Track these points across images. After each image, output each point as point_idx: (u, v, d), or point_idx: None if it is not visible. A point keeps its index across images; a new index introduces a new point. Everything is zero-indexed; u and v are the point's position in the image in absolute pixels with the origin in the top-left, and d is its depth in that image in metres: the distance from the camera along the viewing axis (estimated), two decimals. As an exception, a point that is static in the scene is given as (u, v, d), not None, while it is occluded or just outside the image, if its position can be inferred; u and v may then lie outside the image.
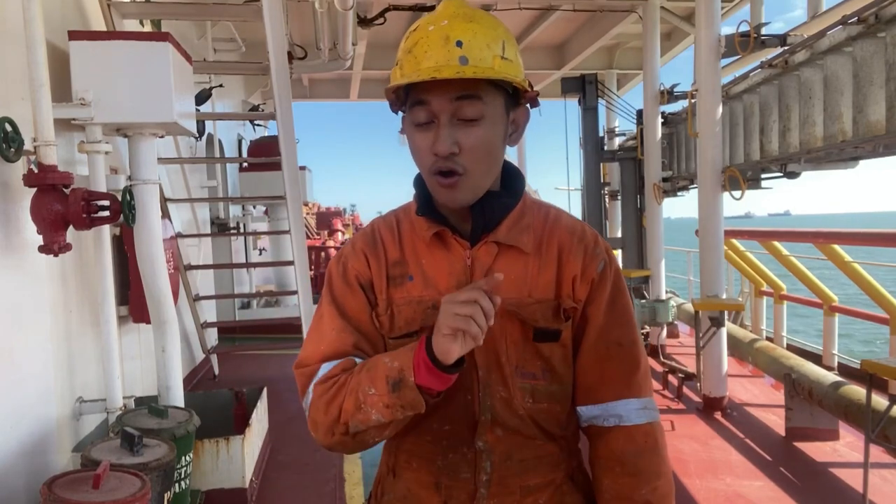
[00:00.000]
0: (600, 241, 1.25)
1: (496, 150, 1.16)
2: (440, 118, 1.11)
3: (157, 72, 3.23)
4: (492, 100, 1.12)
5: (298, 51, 6.89)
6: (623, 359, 1.21)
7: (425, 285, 1.20)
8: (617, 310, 1.22)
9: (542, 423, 1.21)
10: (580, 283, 1.19)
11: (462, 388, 1.17)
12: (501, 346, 1.18)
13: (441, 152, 1.11)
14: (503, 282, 1.09)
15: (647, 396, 1.23)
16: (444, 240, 1.21)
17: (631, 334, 1.22)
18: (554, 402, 1.21)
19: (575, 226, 1.25)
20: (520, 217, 1.22)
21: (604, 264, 1.21)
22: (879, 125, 4.12)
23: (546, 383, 1.20)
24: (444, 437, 1.21)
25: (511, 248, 1.19)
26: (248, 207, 9.74)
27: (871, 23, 4.06)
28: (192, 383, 6.05)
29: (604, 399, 1.21)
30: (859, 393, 3.80)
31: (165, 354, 3.55)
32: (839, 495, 3.69)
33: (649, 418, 1.21)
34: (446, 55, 1.08)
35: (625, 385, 1.21)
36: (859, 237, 6.03)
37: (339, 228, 23.30)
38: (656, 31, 7.16)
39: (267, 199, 8.32)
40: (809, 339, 7.27)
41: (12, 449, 2.72)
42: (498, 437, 1.19)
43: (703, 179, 5.47)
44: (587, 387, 1.22)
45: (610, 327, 1.21)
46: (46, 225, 2.75)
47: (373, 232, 1.29)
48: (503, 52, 1.11)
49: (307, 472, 4.08)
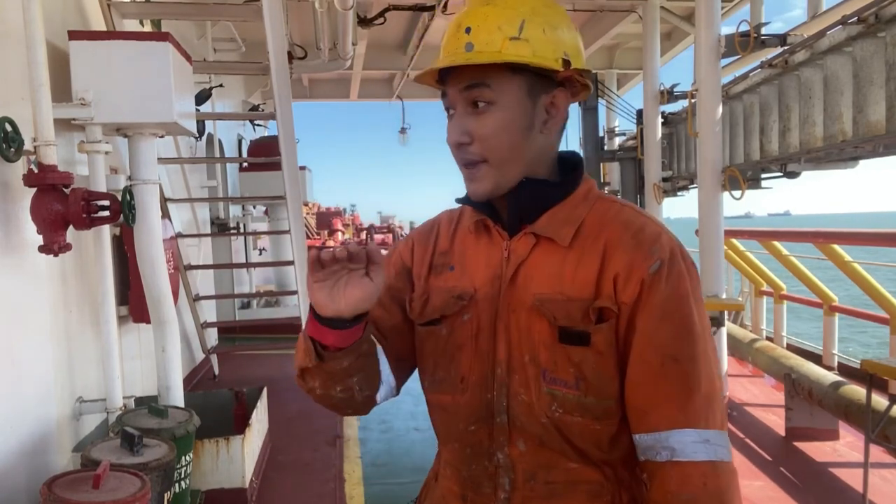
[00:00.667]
0: (664, 238, 1.06)
1: (516, 137, 1.08)
2: (456, 108, 1.10)
3: (157, 72, 3.23)
4: (504, 85, 1.06)
5: (298, 51, 6.89)
6: (679, 378, 1.01)
7: (462, 275, 1.16)
8: (675, 319, 1.03)
9: (573, 438, 1.06)
10: (625, 283, 1.03)
11: (482, 386, 1.11)
12: (527, 345, 1.07)
13: (449, 142, 1.10)
14: (538, 277, 1.07)
15: (711, 428, 1.01)
16: (488, 229, 1.16)
17: (690, 349, 1.02)
18: (589, 418, 1.05)
19: (635, 220, 1.09)
20: (570, 209, 1.11)
21: (659, 264, 1.03)
22: (879, 125, 4.13)
23: (579, 394, 1.05)
24: (469, 442, 1.14)
25: (549, 240, 1.09)
26: (248, 207, 9.73)
27: (871, 23, 4.06)
28: (192, 383, 6.05)
29: (657, 427, 1.02)
30: (859, 393, 3.80)
31: (165, 354, 3.55)
32: (839, 495, 3.69)
33: (712, 455, 1.00)
34: (455, 45, 1.07)
35: (679, 410, 1.01)
36: (859, 237, 6.03)
37: (339, 228, 23.31)
38: (656, 31, 7.16)
39: (267, 199, 8.32)
40: (812, 341, 7.26)
41: (12, 449, 2.72)
42: (520, 452, 1.09)
43: (703, 179, 5.47)
44: (638, 409, 1.04)
45: (663, 338, 1.02)
46: (46, 225, 2.75)
47: (434, 222, 1.28)
48: (519, 31, 1.04)
49: (307, 472, 4.08)
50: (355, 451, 4.37)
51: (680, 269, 1.05)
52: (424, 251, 1.23)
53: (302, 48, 7.03)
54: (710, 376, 1.03)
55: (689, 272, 1.06)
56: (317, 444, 4.50)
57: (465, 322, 1.13)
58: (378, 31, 7.66)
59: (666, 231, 1.09)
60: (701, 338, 1.04)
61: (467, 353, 1.13)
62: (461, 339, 1.13)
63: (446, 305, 1.14)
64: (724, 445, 1.02)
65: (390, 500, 3.69)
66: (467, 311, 1.13)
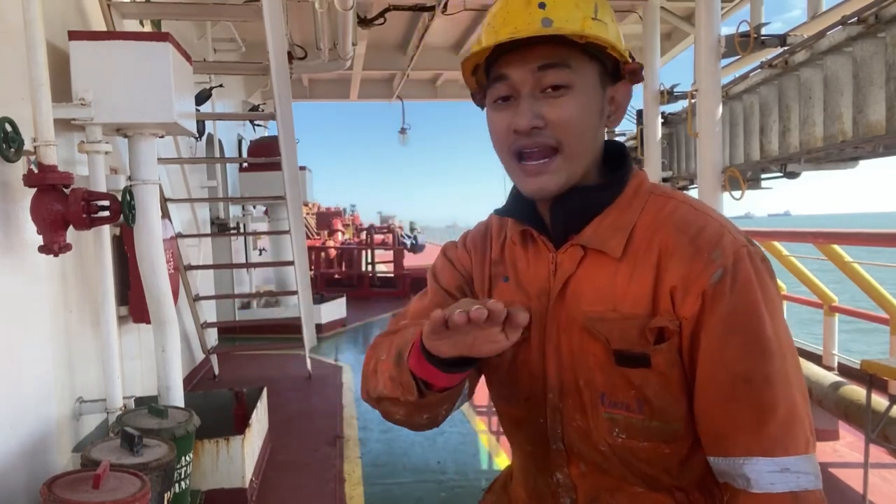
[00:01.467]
0: (726, 241, 0.94)
1: (591, 128, 0.99)
2: (521, 91, 0.96)
3: (157, 72, 3.23)
4: (582, 69, 0.96)
5: (298, 51, 6.90)
6: (752, 401, 0.91)
7: (517, 289, 1.08)
8: (744, 333, 0.91)
9: (639, 464, 0.99)
10: (684, 297, 0.93)
11: (534, 410, 1.05)
12: (581, 368, 0.99)
13: (522, 127, 0.96)
14: (588, 293, 0.99)
15: (790, 455, 0.90)
16: (534, 240, 1.07)
17: (765, 368, 0.91)
18: (657, 442, 0.97)
19: (692, 221, 0.97)
20: (619, 214, 1.01)
21: (721, 273, 0.92)
22: (879, 125, 4.13)
23: (643, 417, 0.96)
24: (532, 457, 1.10)
25: (598, 252, 1.00)
26: (248, 207, 9.73)
27: (870, 23, 4.07)
28: (192, 383, 6.05)
29: (731, 452, 0.93)
30: (859, 393, 3.80)
31: (165, 354, 3.55)
32: (839, 495, 3.69)
33: (792, 486, 0.90)
34: (527, 18, 0.93)
35: (753, 437, 0.91)
36: (859, 237, 6.02)
37: (339, 228, 23.28)
38: (656, 31, 7.16)
39: (267, 199, 8.32)
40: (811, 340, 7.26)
41: (12, 449, 2.72)
42: (582, 473, 1.04)
43: (703, 179, 5.48)
44: (712, 433, 0.95)
45: (732, 356, 0.91)
46: (46, 225, 2.75)
47: (486, 227, 1.19)
48: (595, 13, 0.96)
49: (307, 472, 4.08)
50: (355, 451, 4.37)
51: (747, 276, 0.93)
52: (483, 262, 1.15)
53: (302, 48, 7.03)
54: (790, 397, 0.92)
55: (758, 277, 0.93)
56: (317, 444, 4.50)
57: (524, 339, 1.05)
58: (378, 31, 7.66)
59: (730, 229, 0.97)
60: (777, 353, 0.92)
61: (526, 373, 1.07)
62: (523, 357, 1.07)
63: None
64: (807, 472, 0.91)
65: (390, 500, 3.69)
66: (527, 329, 1.03)
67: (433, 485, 3.83)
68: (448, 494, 3.70)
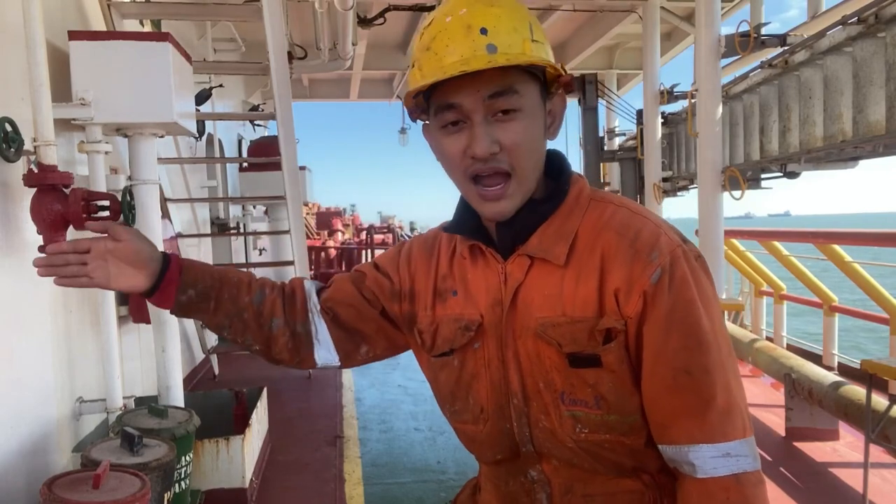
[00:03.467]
0: (662, 241, 1.00)
1: (539, 147, 1.04)
2: (473, 118, 0.99)
3: (157, 72, 3.23)
4: (527, 91, 1.00)
5: (298, 51, 6.89)
6: (693, 391, 0.97)
7: (466, 302, 1.11)
8: (682, 328, 0.97)
9: (606, 454, 1.04)
10: (627, 297, 0.98)
11: (500, 416, 1.08)
12: (539, 371, 1.03)
13: (480, 153, 0.98)
14: (537, 299, 1.02)
15: (730, 440, 0.97)
16: (482, 253, 1.10)
17: (702, 360, 0.97)
18: (617, 434, 1.02)
19: (630, 224, 1.02)
20: (562, 222, 1.05)
21: (660, 272, 0.97)
22: (879, 125, 4.13)
23: (602, 412, 1.01)
24: (500, 465, 1.14)
25: (544, 260, 1.04)
26: (248, 207, 9.73)
27: (870, 23, 4.07)
28: (192, 383, 6.05)
29: (676, 440, 0.99)
30: (859, 393, 3.80)
31: (165, 354, 3.55)
32: (839, 495, 3.69)
33: (733, 468, 0.96)
34: (471, 45, 0.95)
35: (696, 425, 0.97)
36: (859, 237, 6.02)
37: (339, 228, 23.27)
38: (656, 31, 7.17)
39: (267, 199, 8.31)
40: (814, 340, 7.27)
41: (12, 449, 2.72)
42: (554, 468, 1.08)
43: (703, 179, 5.48)
44: (657, 423, 1.02)
45: (673, 351, 0.97)
46: (46, 225, 2.75)
47: (434, 241, 1.21)
48: (532, 34, 0.99)
49: (307, 472, 4.08)
50: (355, 451, 4.37)
51: (683, 274, 0.98)
52: (427, 276, 1.17)
53: (302, 48, 7.03)
54: (727, 385, 0.98)
55: (693, 275, 0.99)
56: (317, 444, 4.50)
57: (476, 351, 1.09)
58: (378, 31, 7.67)
59: (666, 230, 1.02)
60: (713, 345, 0.98)
61: (483, 383, 1.09)
62: (475, 369, 1.10)
63: (455, 337, 1.10)
64: (746, 455, 0.98)
65: (390, 500, 3.69)
66: (477, 339, 1.08)
67: (433, 485, 3.83)
68: (448, 494, 3.70)
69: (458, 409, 1.14)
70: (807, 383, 4.38)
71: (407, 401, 5.58)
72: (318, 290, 1.25)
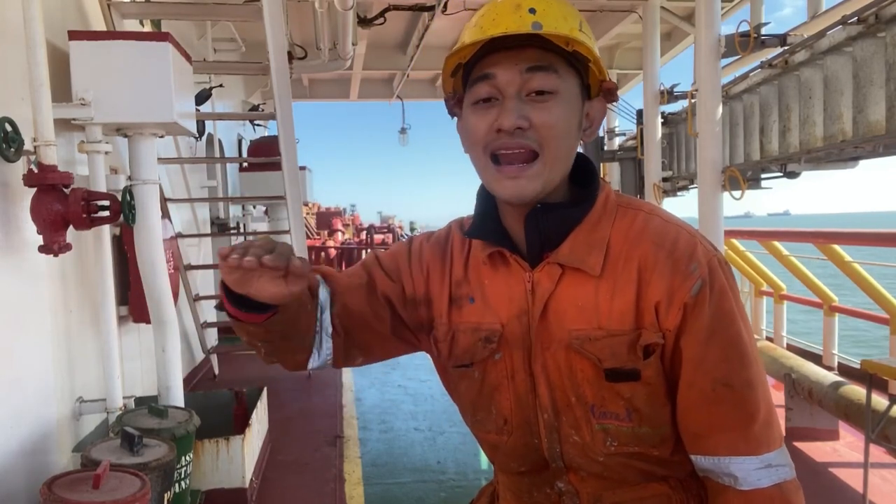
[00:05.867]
0: (699, 252, 0.98)
1: (571, 137, 0.99)
2: (506, 92, 0.96)
3: (157, 72, 3.23)
4: (567, 77, 0.97)
5: (298, 51, 6.90)
6: (735, 404, 0.96)
7: (485, 310, 1.06)
8: (723, 341, 0.96)
9: (635, 464, 1.03)
10: (667, 310, 0.96)
11: (526, 430, 1.05)
12: (570, 385, 1.00)
13: (507, 125, 0.94)
14: (571, 311, 0.99)
15: (771, 451, 0.97)
16: (504, 259, 1.05)
17: (744, 373, 0.97)
18: (647, 446, 1.01)
19: (666, 234, 0.99)
20: (591, 229, 1.01)
21: (700, 284, 0.96)
22: (879, 125, 4.13)
23: (633, 425, 1.00)
24: (525, 475, 1.11)
25: (576, 269, 1.00)
26: (248, 207, 9.73)
27: (871, 23, 4.07)
28: (192, 383, 6.05)
29: (715, 451, 0.98)
30: (859, 393, 3.80)
31: (165, 354, 3.55)
32: (839, 495, 3.69)
33: (776, 479, 0.96)
34: (518, 21, 0.93)
35: (740, 438, 0.97)
36: (859, 237, 6.02)
37: (339, 228, 23.30)
38: (656, 31, 7.17)
39: (267, 199, 8.31)
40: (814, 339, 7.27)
41: (12, 449, 2.72)
42: (582, 478, 1.06)
43: (703, 179, 5.48)
44: (694, 434, 1.00)
45: (714, 363, 0.96)
46: (46, 225, 2.75)
47: (446, 242, 1.14)
48: (580, 27, 0.98)
49: (307, 472, 4.08)
50: (355, 451, 4.37)
51: (721, 285, 0.98)
52: (441, 281, 1.11)
53: (302, 48, 7.03)
54: (767, 398, 0.99)
55: (730, 285, 0.99)
56: (317, 444, 4.50)
57: (497, 362, 1.05)
58: (378, 31, 7.66)
59: (700, 241, 1.01)
60: (753, 357, 0.98)
61: (506, 395, 1.06)
62: (497, 380, 1.06)
63: (476, 350, 1.06)
64: (785, 464, 0.98)
65: (390, 500, 3.69)
66: (498, 350, 1.05)
67: (433, 485, 3.83)
68: (448, 494, 3.70)
69: (480, 419, 1.11)
70: (807, 383, 4.38)
71: (407, 401, 5.59)
72: (330, 297, 1.13)
